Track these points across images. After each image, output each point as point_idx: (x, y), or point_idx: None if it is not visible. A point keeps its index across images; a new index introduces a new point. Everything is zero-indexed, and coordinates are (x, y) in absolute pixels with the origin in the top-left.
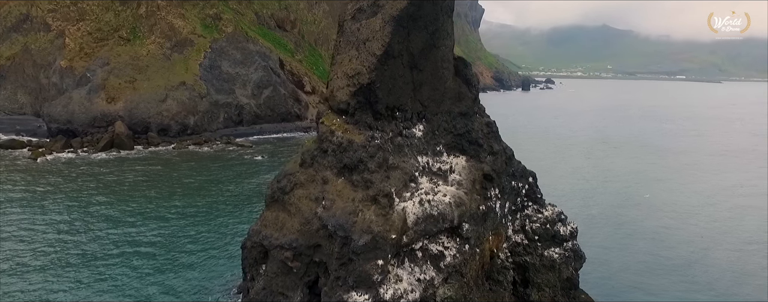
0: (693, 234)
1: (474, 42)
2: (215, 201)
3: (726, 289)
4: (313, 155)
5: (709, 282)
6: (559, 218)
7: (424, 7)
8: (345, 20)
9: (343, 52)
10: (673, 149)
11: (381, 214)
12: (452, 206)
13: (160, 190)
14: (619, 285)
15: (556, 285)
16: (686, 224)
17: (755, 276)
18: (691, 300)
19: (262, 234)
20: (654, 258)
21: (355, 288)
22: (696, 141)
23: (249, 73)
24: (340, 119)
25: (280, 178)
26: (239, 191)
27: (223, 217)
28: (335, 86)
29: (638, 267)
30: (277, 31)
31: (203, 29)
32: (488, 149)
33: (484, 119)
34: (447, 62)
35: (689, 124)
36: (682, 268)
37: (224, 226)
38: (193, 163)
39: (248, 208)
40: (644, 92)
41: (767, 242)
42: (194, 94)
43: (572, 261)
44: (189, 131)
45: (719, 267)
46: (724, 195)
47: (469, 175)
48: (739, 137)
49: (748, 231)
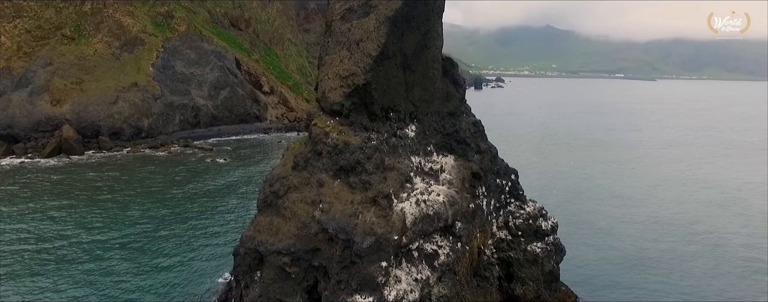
0: (640, 221)
1: None
2: (181, 205)
3: (698, 279)
4: (306, 157)
5: (664, 264)
6: (540, 214)
7: (417, 8)
8: (333, 20)
9: (332, 52)
10: (617, 143)
11: (381, 215)
12: (446, 205)
13: (122, 195)
14: (591, 275)
15: (539, 278)
16: (634, 213)
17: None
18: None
19: (257, 239)
20: (615, 248)
21: (359, 291)
22: (637, 135)
23: (205, 74)
24: (334, 121)
25: (272, 182)
26: (205, 195)
27: (193, 220)
28: (327, 87)
29: (597, 257)
30: (232, 30)
31: (154, 28)
32: (475, 148)
33: (470, 118)
34: (437, 63)
35: (631, 118)
36: (639, 254)
37: (196, 229)
38: (153, 167)
39: (218, 211)
40: (588, 90)
41: (741, 232)
42: (148, 95)
43: (554, 254)
44: (143, 134)
45: (679, 253)
46: (668, 185)
47: (458, 174)
48: (673, 131)
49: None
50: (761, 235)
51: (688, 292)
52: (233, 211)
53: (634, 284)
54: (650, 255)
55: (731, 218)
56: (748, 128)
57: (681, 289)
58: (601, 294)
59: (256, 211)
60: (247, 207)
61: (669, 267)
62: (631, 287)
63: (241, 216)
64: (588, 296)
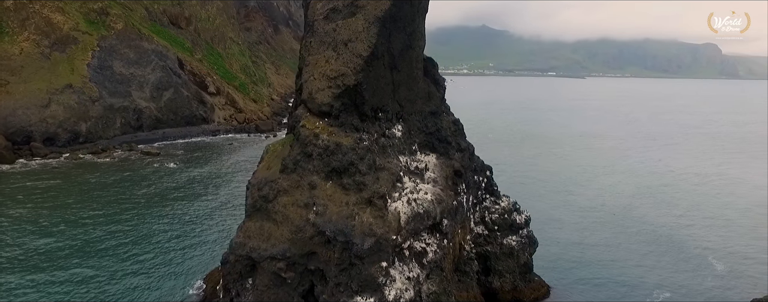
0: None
1: None
2: (135, 215)
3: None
4: (295, 160)
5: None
6: (514, 208)
7: (403, 8)
8: (316, 20)
9: (316, 52)
10: (547, 134)
11: (378, 216)
12: (434, 203)
13: (66, 206)
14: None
15: (515, 270)
16: (576, 200)
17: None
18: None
19: (249, 246)
20: (573, 237)
21: (360, 293)
22: (560, 128)
23: (146, 74)
24: (323, 122)
25: (260, 186)
26: (161, 202)
27: (151, 230)
28: (313, 87)
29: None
30: (172, 29)
31: (88, 25)
32: (456, 146)
33: (450, 117)
34: (420, 62)
35: (568, 113)
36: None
37: (156, 239)
38: (98, 174)
39: (177, 219)
40: (524, 88)
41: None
42: (84, 98)
43: (528, 246)
44: (81, 139)
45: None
46: (599, 171)
47: (441, 172)
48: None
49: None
50: (694, 215)
51: (643, 276)
52: (194, 217)
53: (596, 270)
54: (601, 240)
55: (657, 205)
56: (668, 120)
57: (637, 273)
58: (571, 283)
59: (217, 216)
60: (207, 213)
61: (612, 246)
62: (595, 273)
63: (203, 222)
64: (560, 285)
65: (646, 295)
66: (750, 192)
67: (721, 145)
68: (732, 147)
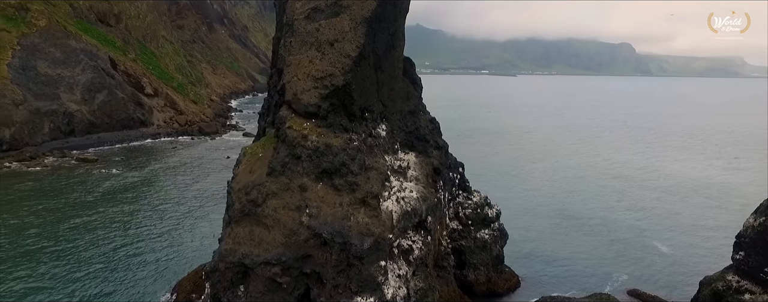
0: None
1: None
2: (83, 226)
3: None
4: (283, 162)
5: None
6: (485, 203)
7: (387, 9)
8: (295, 20)
9: (297, 53)
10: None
11: (373, 215)
12: (420, 201)
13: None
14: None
15: (488, 263)
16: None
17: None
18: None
19: (240, 252)
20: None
21: (360, 293)
22: (501, 124)
23: (75, 75)
24: (310, 123)
25: (248, 190)
26: (111, 211)
27: (105, 243)
28: (298, 88)
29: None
30: (100, 26)
31: (6, 22)
32: (434, 144)
33: (427, 115)
34: (400, 62)
35: (505, 109)
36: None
37: (113, 252)
38: (32, 183)
39: (132, 229)
40: (460, 85)
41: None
42: (6, 101)
43: (499, 239)
44: (5, 146)
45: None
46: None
47: (422, 170)
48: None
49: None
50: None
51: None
52: (147, 226)
53: (559, 259)
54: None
55: (599, 193)
56: (599, 114)
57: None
58: (538, 273)
59: (172, 223)
60: (160, 220)
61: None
62: (559, 262)
63: (157, 231)
64: (528, 275)
65: (605, 279)
66: (676, 180)
67: (645, 138)
68: (655, 140)
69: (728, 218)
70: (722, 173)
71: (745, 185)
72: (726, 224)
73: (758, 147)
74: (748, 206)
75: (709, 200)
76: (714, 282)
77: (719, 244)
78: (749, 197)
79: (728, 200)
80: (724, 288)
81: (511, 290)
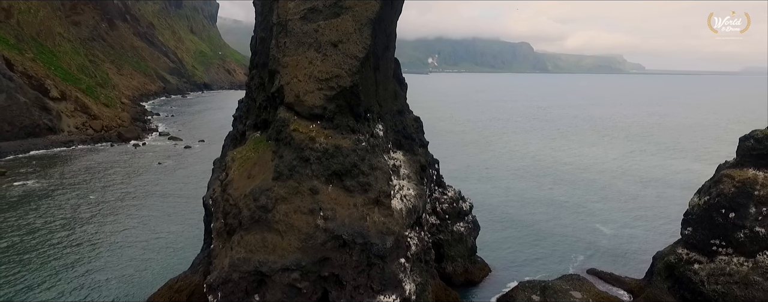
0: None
1: (216, 38)
2: (9, 248)
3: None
4: (291, 166)
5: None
6: (459, 197)
7: (386, 10)
8: (289, 20)
9: (294, 54)
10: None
11: (388, 214)
12: (417, 198)
13: None
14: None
15: (464, 254)
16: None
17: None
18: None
19: (255, 260)
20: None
21: (382, 292)
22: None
23: None
24: (316, 125)
25: (256, 196)
26: (35, 229)
27: (38, 263)
28: (300, 90)
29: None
30: None
31: None
32: (419, 142)
33: (411, 114)
34: (392, 62)
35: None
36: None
37: (49, 272)
38: None
39: (65, 246)
40: None
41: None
42: None
43: (473, 231)
44: None
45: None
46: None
47: (411, 168)
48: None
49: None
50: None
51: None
52: (98, 243)
53: (518, 244)
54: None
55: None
56: (511, 108)
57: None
58: (504, 260)
59: (111, 238)
60: (96, 236)
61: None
62: (520, 248)
63: (109, 246)
64: (495, 263)
65: (564, 262)
66: (600, 166)
67: (563, 129)
68: (572, 131)
69: (653, 200)
70: (633, 158)
71: (653, 169)
72: (654, 205)
73: (646, 134)
74: (669, 188)
75: (629, 183)
76: (666, 256)
77: (654, 224)
78: (664, 179)
79: (648, 182)
80: (675, 261)
81: (485, 278)
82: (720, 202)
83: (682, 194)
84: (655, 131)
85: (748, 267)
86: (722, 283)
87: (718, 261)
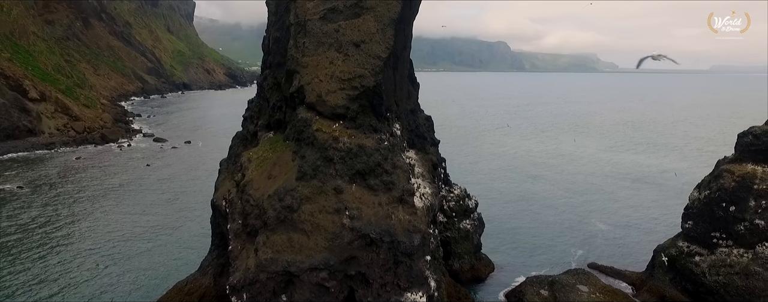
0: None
1: (194, 37)
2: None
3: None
4: (314, 165)
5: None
6: (465, 194)
7: (405, 10)
8: (308, 20)
9: (313, 54)
10: None
11: (412, 212)
12: (434, 196)
13: None
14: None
15: (471, 251)
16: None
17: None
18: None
19: (283, 260)
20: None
21: (409, 289)
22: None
23: None
24: (339, 125)
25: (281, 196)
26: (22, 237)
27: (26, 273)
28: (322, 90)
29: None
30: None
31: None
32: (431, 141)
33: (423, 113)
34: (408, 62)
35: None
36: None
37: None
38: None
39: (53, 253)
40: None
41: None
42: None
43: (478, 228)
44: None
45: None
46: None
47: (424, 166)
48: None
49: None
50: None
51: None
52: (83, 247)
53: (519, 241)
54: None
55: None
56: (493, 106)
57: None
58: (506, 256)
59: (132, 242)
60: (96, 241)
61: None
62: (520, 244)
63: (92, 251)
64: (498, 259)
65: (565, 257)
66: (590, 162)
67: (543, 127)
68: (562, 128)
69: (650, 197)
70: (625, 155)
71: (646, 166)
72: (650, 203)
73: (627, 131)
74: (662, 185)
75: (621, 179)
76: (667, 249)
77: (648, 218)
78: (653, 175)
79: (640, 179)
80: (677, 253)
81: (490, 274)
82: (720, 196)
83: (675, 188)
84: (647, 127)
85: (749, 258)
86: (723, 274)
87: (719, 252)
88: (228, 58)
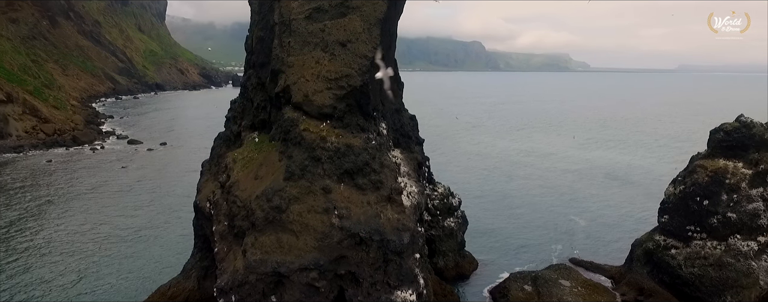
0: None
1: (166, 36)
2: None
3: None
4: (302, 165)
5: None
6: (449, 192)
7: (391, 10)
8: (293, 19)
9: (299, 53)
10: None
11: (401, 211)
12: (420, 195)
13: None
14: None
15: (455, 249)
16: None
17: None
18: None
19: (272, 261)
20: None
21: (399, 287)
22: None
23: None
24: (326, 125)
25: (269, 196)
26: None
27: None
28: (309, 89)
29: None
30: None
31: None
32: (416, 140)
33: (407, 113)
34: (393, 62)
35: None
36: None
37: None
38: None
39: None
40: None
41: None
42: None
43: (462, 226)
44: None
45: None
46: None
47: (410, 165)
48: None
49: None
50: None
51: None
52: (60, 252)
53: (501, 238)
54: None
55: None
56: (473, 105)
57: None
58: (489, 253)
59: (105, 247)
60: (72, 246)
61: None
62: (502, 242)
63: (69, 256)
64: (484, 258)
65: (545, 253)
66: (563, 159)
67: (520, 125)
68: (524, 127)
69: (624, 192)
70: (600, 153)
71: (618, 162)
72: (625, 198)
73: (598, 129)
74: (635, 181)
75: (596, 175)
76: (644, 243)
77: (624, 214)
78: (625, 171)
79: (612, 174)
80: (653, 247)
81: (474, 272)
82: (695, 191)
83: (646, 184)
84: (618, 125)
85: (721, 250)
86: (698, 266)
87: (694, 245)
88: (202, 58)
